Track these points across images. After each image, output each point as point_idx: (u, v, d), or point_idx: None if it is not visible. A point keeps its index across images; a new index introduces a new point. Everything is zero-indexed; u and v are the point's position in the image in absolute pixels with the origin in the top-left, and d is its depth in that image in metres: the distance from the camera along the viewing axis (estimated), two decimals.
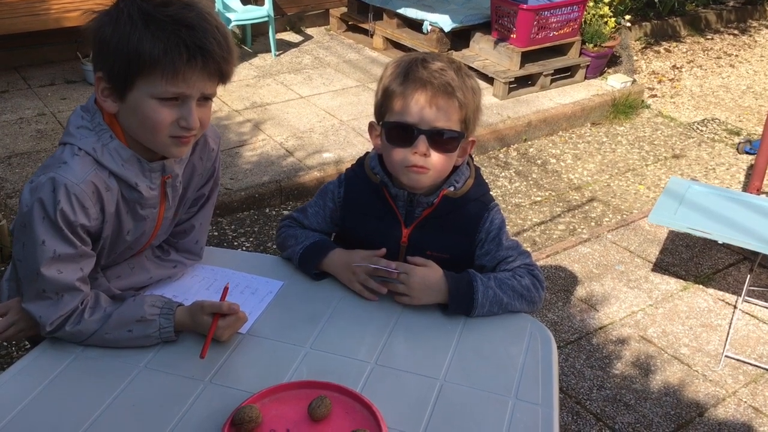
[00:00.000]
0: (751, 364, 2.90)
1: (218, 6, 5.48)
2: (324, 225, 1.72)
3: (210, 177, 1.61)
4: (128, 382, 1.33)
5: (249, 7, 5.79)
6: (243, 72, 5.41)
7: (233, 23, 5.45)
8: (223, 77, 1.36)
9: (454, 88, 1.47)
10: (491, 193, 1.68)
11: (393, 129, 1.52)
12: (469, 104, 1.50)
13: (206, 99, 1.36)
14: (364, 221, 1.65)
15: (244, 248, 3.60)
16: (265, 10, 5.58)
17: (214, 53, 1.29)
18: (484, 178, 1.69)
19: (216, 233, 3.68)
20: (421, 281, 1.52)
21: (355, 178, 1.67)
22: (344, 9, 6.36)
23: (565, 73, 5.49)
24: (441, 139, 1.49)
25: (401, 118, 1.49)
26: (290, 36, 6.28)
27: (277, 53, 5.79)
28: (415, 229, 1.61)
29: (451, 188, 1.58)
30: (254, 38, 5.97)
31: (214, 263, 1.71)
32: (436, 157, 1.50)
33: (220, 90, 1.42)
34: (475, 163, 1.68)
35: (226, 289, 1.48)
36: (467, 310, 1.52)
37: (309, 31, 6.43)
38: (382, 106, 1.55)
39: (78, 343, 1.41)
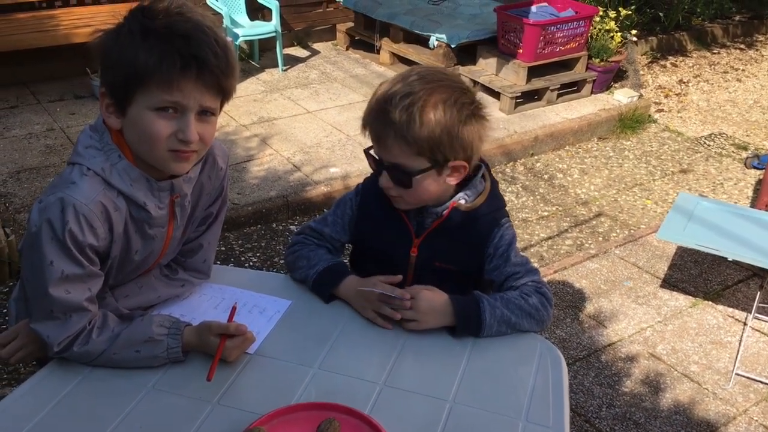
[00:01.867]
0: (762, 383, 2.87)
1: (226, 22, 5.51)
2: (342, 234, 1.72)
3: (218, 196, 1.61)
4: (136, 403, 1.32)
5: (256, 22, 5.82)
6: (250, 87, 5.44)
7: (241, 39, 5.48)
8: (223, 91, 1.35)
9: (399, 126, 1.44)
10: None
11: (368, 157, 1.57)
12: (421, 139, 1.44)
13: (206, 114, 1.35)
14: (377, 231, 1.66)
15: (251, 263, 3.60)
16: (273, 26, 5.61)
17: (209, 63, 1.28)
18: None
19: (223, 248, 3.68)
20: (428, 304, 1.51)
21: (370, 188, 1.68)
22: (351, 24, 6.39)
23: (572, 88, 5.49)
24: (400, 174, 1.50)
25: (371, 149, 1.55)
26: (297, 51, 6.31)
27: (284, 68, 5.82)
28: (425, 240, 1.61)
29: (462, 201, 1.58)
30: (261, 53, 6.00)
31: (221, 282, 1.70)
32: (411, 186, 1.51)
33: (228, 105, 1.41)
34: (492, 178, 1.65)
35: (233, 310, 1.48)
36: (476, 331, 1.51)
37: (316, 46, 6.46)
38: None
39: (86, 363, 1.40)
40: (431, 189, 1.53)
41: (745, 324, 3.21)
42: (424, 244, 1.61)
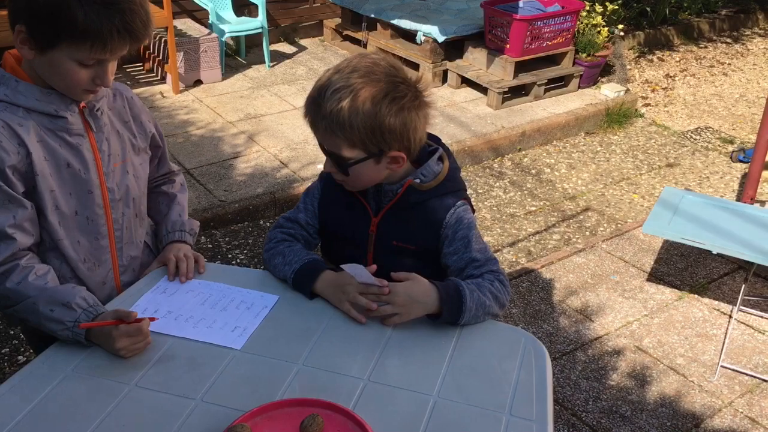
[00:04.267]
0: (746, 374, 2.90)
1: (212, 18, 5.48)
2: (315, 220, 1.76)
3: (145, 132, 1.71)
4: (118, 401, 1.32)
5: (243, 18, 5.80)
6: (237, 83, 5.42)
7: (227, 35, 5.45)
8: (140, 43, 1.48)
9: (329, 119, 1.46)
10: (487, 202, 1.68)
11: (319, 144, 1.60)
12: (351, 132, 1.46)
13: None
14: (337, 212, 1.70)
15: (238, 260, 3.59)
16: (259, 22, 5.59)
17: (139, 32, 1.41)
18: (478, 187, 1.70)
19: (210, 245, 3.67)
20: (406, 296, 1.51)
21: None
22: (338, 20, 6.37)
23: (559, 83, 5.51)
24: (339, 162, 1.53)
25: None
26: (284, 47, 6.29)
27: (271, 64, 5.80)
28: (383, 218, 1.64)
29: (417, 180, 1.60)
30: (248, 50, 5.97)
31: (209, 278, 1.70)
32: (348, 174, 1.54)
33: (215, 102, 1.47)
34: (451, 163, 1.66)
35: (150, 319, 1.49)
36: (457, 316, 1.51)
37: (303, 42, 6.45)
38: None
39: (3, 308, 1.47)
40: (372, 176, 1.56)
41: (730, 317, 3.23)
42: (381, 222, 1.64)
